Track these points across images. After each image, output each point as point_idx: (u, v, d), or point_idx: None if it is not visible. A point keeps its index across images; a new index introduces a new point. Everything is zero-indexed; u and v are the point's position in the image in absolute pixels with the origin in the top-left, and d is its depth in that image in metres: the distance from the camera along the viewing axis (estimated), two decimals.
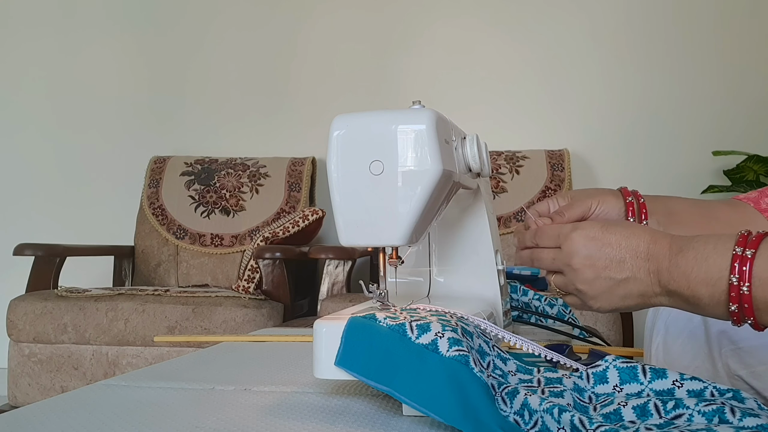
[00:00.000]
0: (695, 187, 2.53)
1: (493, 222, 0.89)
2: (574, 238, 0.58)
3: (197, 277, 2.53)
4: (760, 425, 0.45)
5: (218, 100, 2.86)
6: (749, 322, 0.49)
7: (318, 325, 0.59)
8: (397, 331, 0.56)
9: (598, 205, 0.72)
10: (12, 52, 2.95)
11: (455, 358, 0.53)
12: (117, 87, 2.91)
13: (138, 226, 2.63)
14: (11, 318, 2.01)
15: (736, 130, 2.56)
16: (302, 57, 2.82)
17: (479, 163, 0.72)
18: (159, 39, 2.90)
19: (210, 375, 0.76)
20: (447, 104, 2.56)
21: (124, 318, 1.98)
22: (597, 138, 2.66)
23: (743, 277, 0.47)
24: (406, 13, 2.76)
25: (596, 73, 2.66)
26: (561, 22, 2.68)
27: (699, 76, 2.60)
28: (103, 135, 2.90)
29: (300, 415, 0.58)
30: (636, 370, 0.55)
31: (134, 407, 0.61)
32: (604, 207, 0.72)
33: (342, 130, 0.62)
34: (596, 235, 0.57)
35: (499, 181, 2.49)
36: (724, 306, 0.50)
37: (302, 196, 2.59)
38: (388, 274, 0.68)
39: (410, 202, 0.61)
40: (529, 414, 0.50)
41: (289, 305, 2.15)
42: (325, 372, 0.58)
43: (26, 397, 2.01)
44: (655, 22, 2.63)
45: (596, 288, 0.57)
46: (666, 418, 0.48)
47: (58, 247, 2.26)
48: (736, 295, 0.48)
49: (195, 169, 2.67)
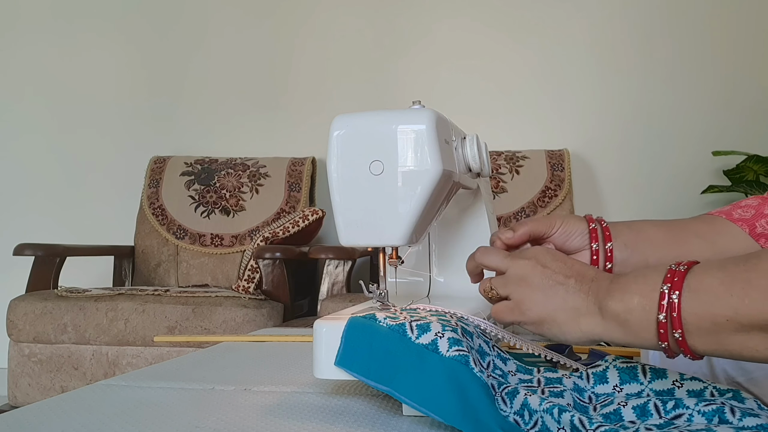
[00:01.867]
0: (695, 187, 2.53)
1: (493, 222, 0.89)
2: (530, 248, 0.58)
3: (197, 277, 2.53)
4: (760, 425, 0.45)
5: (218, 100, 2.86)
6: (686, 356, 0.48)
7: (318, 325, 0.59)
8: (397, 331, 0.56)
9: (563, 224, 0.70)
10: (12, 52, 2.95)
11: (455, 358, 0.53)
12: (117, 87, 2.91)
13: (138, 226, 2.63)
14: (11, 318, 2.01)
15: (736, 130, 2.56)
16: (302, 57, 2.82)
17: (479, 163, 0.72)
18: (159, 39, 2.90)
19: (210, 375, 0.76)
20: (447, 104, 2.56)
21: (124, 318, 1.98)
22: (597, 138, 2.66)
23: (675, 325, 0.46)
24: (407, 14, 2.76)
25: (596, 73, 2.66)
26: (561, 23, 2.68)
27: (699, 76, 2.60)
28: (103, 135, 2.90)
29: (300, 415, 0.58)
30: (636, 371, 0.55)
31: (134, 407, 0.61)
32: (567, 227, 0.69)
33: (342, 130, 0.62)
34: (552, 251, 0.58)
35: (499, 181, 2.49)
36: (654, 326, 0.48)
37: (302, 196, 2.59)
38: (388, 274, 0.68)
39: (410, 202, 0.61)
40: (529, 414, 0.50)
41: (289, 305, 2.15)
42: (325, 372, 0.58)
43: (26, 397, 2.01)
44: (655, 21, 2.63)
45: (536, 285, 0.54)
46: (666, 418, 0.48)
47: (58, 247, 2.26)
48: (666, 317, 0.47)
49: (195, 169, 2.67)
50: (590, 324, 0.52)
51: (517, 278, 0.56)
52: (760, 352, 0.44)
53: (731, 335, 0.45)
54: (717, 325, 0.45)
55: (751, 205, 0.76)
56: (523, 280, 0.55)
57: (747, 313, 0.44)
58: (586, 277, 0.54)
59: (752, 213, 0.74)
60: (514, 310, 0.55)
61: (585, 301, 0.52)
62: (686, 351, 0.47)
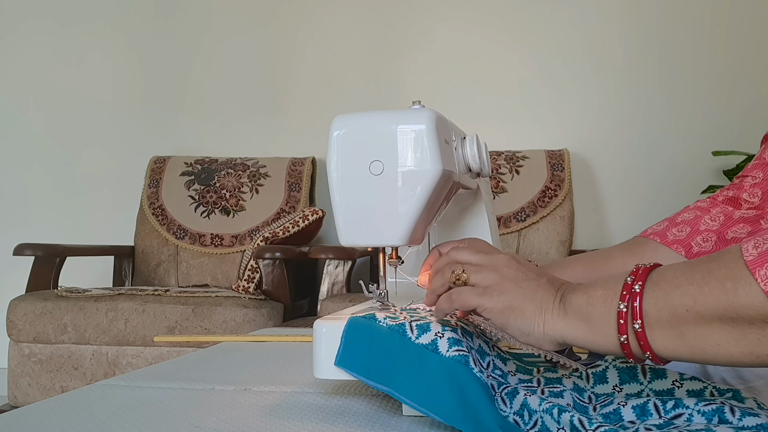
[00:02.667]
0: (695, 187, 2.53)
1: (493, 222, 0.89)
2: (502, 255, 0.57)
3: (197, 277, 2.53)
4: (760, 425, 0.45)
5: (218, 100, 2.86)
6: (648, 356, 0.46)
7: (318, 325, 0.59)
8: (397, 331, 0.56)
9: None
10: (13, 52, 2.95)
11: (455, 358, 0.53)
12: (118, 88, 2.91)
13: (138, 226, 2.63)
14: (11, 318, 2.01)
15: (736, 130, 2.56)
16: (302, 57, 2.82)
17: (479, 163, 0.72)
18: (159, 39, 2.90)
19: (210, 375, 0.76)
20: (447, 104, 2.56)
21: (124, 318, 1.98)
22: (597, 138, 2.66)
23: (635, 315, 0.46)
24: (407, 14, 2.76)
25: (596, 74, 2.66)
26: (561, 23, 2.68)
27: (699, 76, 2.60)
28: (103, 135, 2.90)
29: (300, 415, 0.58)
30: (636, 370, 0.55)
31: (134, 407, 0.61)
32: None
33: (342, 130, 0.62)
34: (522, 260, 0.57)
35: (499, 181, 2.49)
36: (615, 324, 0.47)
37: (302, 196, 2.59)
38: (388, 274, 0.68)
39: (410, 202, 0.61)
40: (528, 414, 0.50)
41: (289, 305, 2.15)
42: (325, 372, 0.58)
43: (26, 397, 2.01)
44: (655, 21, 2.63)
45: (509, 275, 0.53)
46: (666, 418, 0.48)
47: (58, 247, 2.26)
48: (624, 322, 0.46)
49: (195, 169, 2.67)
50: (553, 321, 0.50)
51: (492, 266, 0.54)
52: (722, 347, 0.43)
53: (692, 328, 0.43)
54: (677, 317, 0.44)
55: (687, 221, 0.75)
56: (498, 270, 0.54)
57: (705, 301, 0.42)
58: (557, 279, 0.54)
59: (688, 231, 0.74)
60: (483, 295, 0.53)
61: (553, 297, 0.51)
62: (646, 346, 0.45)
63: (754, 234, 0.52)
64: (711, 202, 0.77)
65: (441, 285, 0.56)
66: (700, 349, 0.44)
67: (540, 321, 0.51)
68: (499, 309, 0.52)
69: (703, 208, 0.76)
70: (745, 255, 0.41)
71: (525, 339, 0.52)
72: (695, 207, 0.77)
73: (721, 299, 0.42)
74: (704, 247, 0.72)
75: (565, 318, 0.50)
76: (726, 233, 0.72)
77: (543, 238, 2.43)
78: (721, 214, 0.74)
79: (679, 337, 0.44)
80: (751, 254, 0.41)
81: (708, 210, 0.75)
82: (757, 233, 0.42)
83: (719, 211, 0.75)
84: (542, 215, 2.44)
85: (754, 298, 0.40)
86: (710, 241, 0.72)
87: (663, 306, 0.45)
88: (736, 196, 0.75)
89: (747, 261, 0.41)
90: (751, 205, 0.74)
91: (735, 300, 0.41)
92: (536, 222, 2.44)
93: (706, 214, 0.75)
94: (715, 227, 0.73)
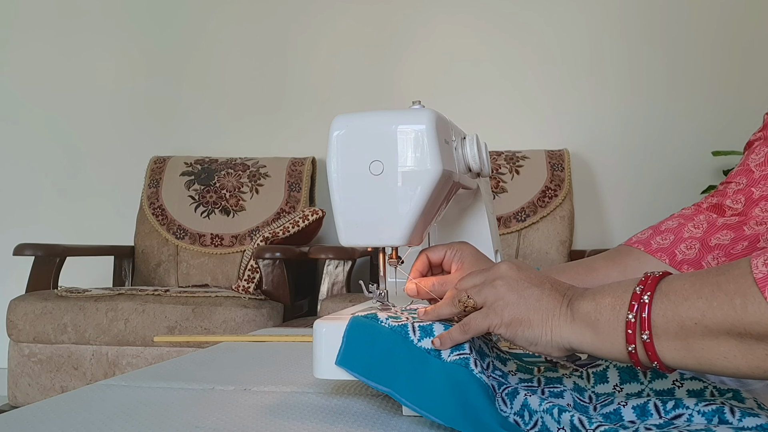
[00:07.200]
0: (695, 187, 2.53)
1: (493, 222, 0.89)
2: (501, 263, 0.56)
3: (197, 277, 2.53)
4: (760, 425, 0.45)
5: (218, 100, 2.86)
6: (655, 365, 0.47)
7: (318, 325, 0.59)
8: (399, 333, 0.56)
9: (455, 252, 0.69)
10: (12, 53, 2.95)
11: (456, 362, 0.53)
12: (117, 87, 2.91)
13: (138, 226, 2.63)
14: (11, 318, 2.01)
15: (736, 130, 2.56)
16: (302, 57, 2.82)
17: (479, 163, 0.72)
18: (158, 39, 2.90)
19: (210, 375, 0.76)
20: (447, 104, 2.56)
21: (124, 318, 1.98)
22: (597, 138, 2.66)
23: (643, 325, 0.46)
24: (407, 13, 2.76)
25: (596, 73, 2.66)
26: (561, 23, 2.68)
27: (699, 76, 2.60)
28: (103, 135, 2.90)
29: (300, 415, 0.58)
30: (636, 370, 0.55)
31: (134, 407, 0.61)
32: (459, 253, 0.69)
33: (342, 130, 0.62)
34: (526, 263, 0.57)
35: (499, 181, 2.49)
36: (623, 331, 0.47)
37: (302, 196, 2.59)
38: (388, 274, 0.68)
39: (410, 202, 0.61)
40: (529, 414, 0.50)
41: (289, 305, 2.15)
42: (325, 372, 0.58)
43: (26, 397, 2.01)
44: (655, 21, 2.63)
45: (511, 286, 0.53)
46: (666, 418, 0.48)
47: (58, 247, 2.26)
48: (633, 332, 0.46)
49: (195, 169, 2.67)
50: (560, 327, 0.50)
51: (492, 280, 0.54)
52: (729, 360, 0.43)
53: (700, 340, 0.44)
54: (685, 329, 0.44)
55: (671, 229, 0.75)
56: (499, 281, 0.54)
57: (713, 315, 0.43)
58: (561, 284, 0.54)
59: (672, 239, 0.74)
60: (488, 314, 0.53)
61: (559, 303, 0.51)
62: (653, 356, 0.46)
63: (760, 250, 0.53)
64: (695, 209, 0.77)
65: (449, 313, 0.57)
66: (707, 361, 0.44)
67: (547, 329, 0.51)
68: (506, 323, 0.52)
69: (687, 216, 0.76)
70: (754, 271, 0.41)
71: (533, 348, 0.52)
72: (679, 215, 0.77)
73: (730, 315, 0.42)
74: (688, 254, 0.72)
75: (572, 324, 0.50)
76: (709, 240, 0.73)
77: (543, 238, 2.43)
78: (705, 221, 0.74)
79: (686, 349, 0.45)
80: (761, 271, 0.41)
81: (692, 217, 0.76)
82: (767, 250, 0.43)
83: (703, 218, 0.75)
84: (542, 215, 2.44)
85: (762, 315, 0.41)
86: (694, 249, 0.73)
87: (671, 318, 0.45)
88: (719, 203, 0.75)
89: (756, 278, 0.41)
90: (734, 212, 0.74)
91: (743, 316, 0.41)
92: (536, 222, 2.44)
93: (689, 222, 0.75)
94: (698, 234, 0.73)
